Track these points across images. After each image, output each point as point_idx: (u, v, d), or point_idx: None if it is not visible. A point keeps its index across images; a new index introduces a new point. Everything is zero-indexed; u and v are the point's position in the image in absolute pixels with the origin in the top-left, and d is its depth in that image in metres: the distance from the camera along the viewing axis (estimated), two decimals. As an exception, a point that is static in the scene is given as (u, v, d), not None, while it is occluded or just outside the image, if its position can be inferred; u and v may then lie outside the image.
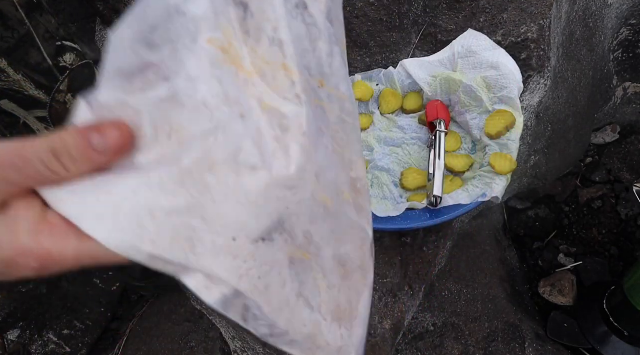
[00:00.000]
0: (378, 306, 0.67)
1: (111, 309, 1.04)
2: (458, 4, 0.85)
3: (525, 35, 0.77)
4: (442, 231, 0.73)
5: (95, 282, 1.03)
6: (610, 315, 0.97)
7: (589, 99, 1.09)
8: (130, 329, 1.06)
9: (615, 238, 1.18)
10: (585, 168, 1.28)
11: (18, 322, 0.76)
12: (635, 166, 1.24)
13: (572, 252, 1.18)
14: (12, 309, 0.76)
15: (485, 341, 0.84)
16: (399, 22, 0.86)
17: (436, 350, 0.79)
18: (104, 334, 0.86)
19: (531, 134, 0.86)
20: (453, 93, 0.73)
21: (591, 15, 0.97)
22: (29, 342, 0.74)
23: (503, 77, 0.70)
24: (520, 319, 0.92)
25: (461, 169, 0.70)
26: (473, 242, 0.96)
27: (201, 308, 0.82)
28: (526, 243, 1.21)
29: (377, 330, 0.66)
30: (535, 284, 1.14)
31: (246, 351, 0.81)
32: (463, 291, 0.87)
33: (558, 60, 0.86)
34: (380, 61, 0.84)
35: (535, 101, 0.80)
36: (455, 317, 0.83)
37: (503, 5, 0.81)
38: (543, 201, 1.25)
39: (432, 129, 0.72)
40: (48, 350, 0.74)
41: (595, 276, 1.12)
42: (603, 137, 1.29)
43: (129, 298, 1.20)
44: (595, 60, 1.05)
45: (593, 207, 1.22)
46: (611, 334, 0.97)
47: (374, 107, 0.79)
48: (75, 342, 0.76)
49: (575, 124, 1.04)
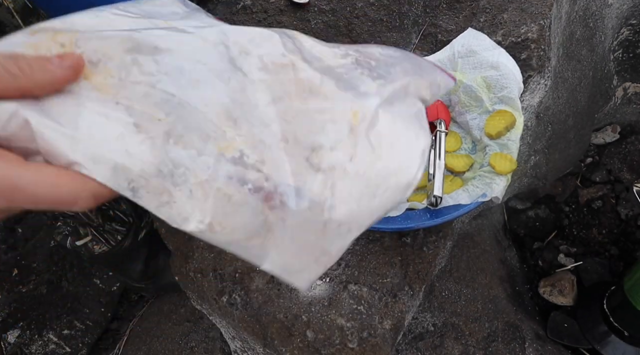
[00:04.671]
0: (378, 306, 0.67)
1: (111, 309, 1.04)
2: (458, 4, 0.84)
3: (525, 35, 0.77)
4: (442, 231, 0.73)
5: (95, 282, 1.03)
6: (610, 315, 0.97)
7: (589, 99, 1.09)
8: (130, 329, 1.06)
9: (615, 238, 1.18)
10: (585, 168, 1.28)
11: (18, 322, 0.76)
12: (635, 166, 1.24)
13: (572, 252, 1.18)
14: (12, 309, 0.76)
15: (485, 341, 0.84)
16: (399, 22, 0.86)
17: (436, 350, 0.79)
18: (104, 334, 0.86)
19: (531, 134, 0.86)
20: (453, 93, 0.73)
21: (591, 15, 0.97)
22: (29, 342, 0.74)
23: (503, 77, 0.70)
24: (520, 319, 0.92)
25: (461, 169, 0.70)
26: (473, 242, 0.96)
27: (201, 308, 0.82)
28: (526, 243, 1.21)
29: (377, 330, 0.66)
30: (535, 284, 1.13)
31: (246, 351, 0.81)
32: (463, 291, 0.87)
33: (558, 60, 0.86)
34: (380, 61, 0.84)
35: (535, 101, 0.80)
36: (455, 317, 0.83)
37: (503, 5, 0.81)
38: (543, 201, 1.25)
39: (432, 129, 0.72)
40: (48, 350, 0.74)
41: (595, 276, 1.12)
42: (603, 137, 1.29)
43: (129, 298, 1.20)
44: (596, 60, 1.05)
45: (593, 207, 1.22)
46: (611, 334, 0.97)
47: (374, 107, 0.79)
48: (75, 342, 0.76)
49: (575, 124, 1.04)
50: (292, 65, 0.33)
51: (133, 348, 1.05)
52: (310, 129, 0.31)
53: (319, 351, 0.66)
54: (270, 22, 0.89)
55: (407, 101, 0.36)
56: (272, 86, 0.32)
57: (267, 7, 0.90)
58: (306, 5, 0.89)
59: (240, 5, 0.91)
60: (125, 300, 1.19)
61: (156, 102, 0.29)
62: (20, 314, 0.76)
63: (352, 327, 0.66)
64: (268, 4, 0.90)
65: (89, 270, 1.07)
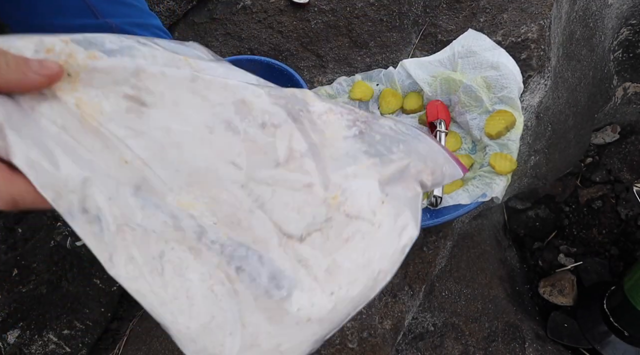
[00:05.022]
0: (378, 306, 0.67)
1: (111, 309, 1.04)
2: (458, 4, 0.85)
3: (525, 35, 0.77)
4: (442, 231, 0.73)
5: (95, 282, 1.03)
6: (610, 315, 0.97)
7: (589, 99, 1.09)
8: (130, 329, 1.06)
9: (615, 238, 1.18)
10: (585, 168, 1.28)
11: (18, 322, 0.76)
12: (635, 166, 1.24)
13: (572, 252, 1.18)
14: (12, 309, 0.76)
15: (485, 341, 0.84)
16: (399, 22, 0.86)
17: (436, 350, 0.79)
18: (104, 334, 0.86)
19: (531, 134, 0.86)
20: (453, 93, 0.73)
21: (591, 15, 0.97)
22: (29, 342, 0.74)
23: (503, 77, 0.70)
24: (520, 319, 0.92)
25: (461, 169, 0.70)
26: (473, 242, 0.96)
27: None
28: (526, 243, 1.21)
29: (377, 330, 0.66)
30: (535, 284, 1.13)
31: (246, 351, 0.81)
32: (463, 291, 0.87)
33: (558, 60, 0.86)
34: (381, 61, 0.84)
35: (535, 101, 0.80)
36: (455, 317, 0.83)
37: (503, 5, 0.81)
38: (543, 201, 1.25)
39: (432, 129, 0.72)
40: (48, 350, 0.74)
41: (595, 276, 1.12)
42: (603, 137, 1.29)
43: (129, 298, 1.19)
44: (596, 60, 1.05)
45: (593, 207, 1.22)
46: (611, 334, 0.97)
47: (374, 107, 0.79)
48: (75, 342, 0.76)
49: (575, 124, 1.04)
50: (289, 135, 0.32)
51: (133, 348, 1.05)
52: (285, 205, 0.31)
53: (318, 351, 0.66)
54: (270, 22, 0.89)
55: (405, 184, 0.35)
56: (250, 154, 0.31)
57: (267, 7, 0.90)
58: (306, 5, 0.89)
59: (240, 5, 0.91)
60: (125, 300, 1.19)
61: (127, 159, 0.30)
62: (20, 314, 0.76)
63: (352, 327, 0.66)
64: (268, 4, 0.90)
65: (89, 270, 1.07)
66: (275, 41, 0.88)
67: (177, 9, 0.92)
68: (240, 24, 0.90)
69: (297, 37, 0.88)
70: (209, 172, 0.30)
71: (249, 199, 0.30)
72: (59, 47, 0.29)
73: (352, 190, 0.32)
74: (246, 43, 0.89)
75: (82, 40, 0.30)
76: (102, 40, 0.30)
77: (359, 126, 0.35)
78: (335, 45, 0.87)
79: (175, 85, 0.31)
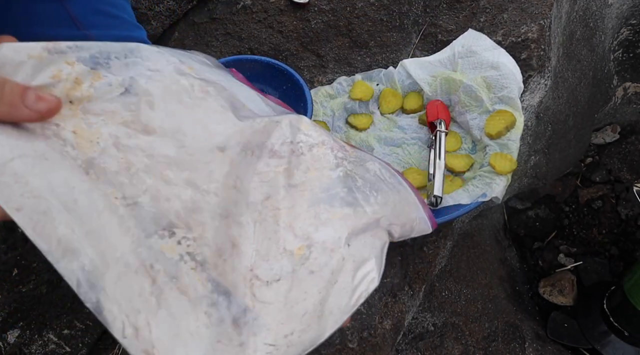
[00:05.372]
0: (378, 306, 0.67)
1: (111, 308, 1.04)
2: (458, 4, 0.85)
3: (526, 35, 0.77)
4: (442, 231, 0.73)
5: (95, 282, 1.03)
6: (610, 315, 0.97)
7: (589, 99, 1.09)
8: (130, 329, 1.06)
9: (615, 238, 1.18)
10: (585, 168, 1.28)
11: (18, 322, 0.76)
12: (635, 166, 1.24)
13: (572, 252, 1.18)
14: (12, 309, 0.76)
15: (485, 341, 0.83)
16: (399, 22, 0.86)
17: (436, 350, 0.79)
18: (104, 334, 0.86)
19: (531, 134, 0.86)
20: (453, 93, 0.73)
21: (591, 15, 0.97)
22: (29, 342, 0.74)
23: (503, 77, 0.70)
24: (520, 319, 0.92)
25: (461, 169, 0.70)
26: (473, 242, 0.96)
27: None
28: (526, 243, 1.21)
29: (377, 330, 0.66)
30: (535, 284, 1.13)
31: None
32: (463, 291, 0.87)
33: (558, 60, 0.86)
34: (381, 61, 0.84)
35: (535, 101, 0.80)
36: (455, 317, 0.83)
37: (503, 5, 0.81)
38: (543, 201, 1.25)
39: (432, 129, 0.72)
40: (48, 350, 0.74)
41: (595, 276, 1.12)
42: (603, 137, 1.29)
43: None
44: (596, 60, 1.05)
45: (593, 207, 1.22)
46: (611, 334, 0.97)
47: (374, 107, 0.79)
48: (75, 342, 0.76)
49: (575, 124, 1.04)
50: (284, 171, 0.34)
51: (133, 348, 1.05)
52: (254, 242, 0.32)
53: (318, 351, 0.66)
54: (270, 22, 0.89)
55: (374, 231, 0.36)
56: (224, 199, 0.33)
57: (267, 7, 0.90)
58: (306, 5, 0.89)
59: (241, 5, 0.91)
60: (125, 300, 1.18)
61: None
62: (20, 313, 0.76)
63: (352, 327, 0.66)
64: (268, 4, 0.90)
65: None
66: (275, 41, 0.88)
67: (177, 9, 0.92)
68: (240, 24, 0.90)
69: (297, 37, 0.88)
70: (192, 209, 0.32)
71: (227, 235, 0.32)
72: (65, 73, 0.29)
73: (317, 244, 0.33)
74: (246, 43, 0.89)
75: (88, 59, 0.30)
76: (108, 54, 0.31)
77: (345, 167, 0.36)
78: (335, 45, 0.87)
79: (175, 110, 0.33)
